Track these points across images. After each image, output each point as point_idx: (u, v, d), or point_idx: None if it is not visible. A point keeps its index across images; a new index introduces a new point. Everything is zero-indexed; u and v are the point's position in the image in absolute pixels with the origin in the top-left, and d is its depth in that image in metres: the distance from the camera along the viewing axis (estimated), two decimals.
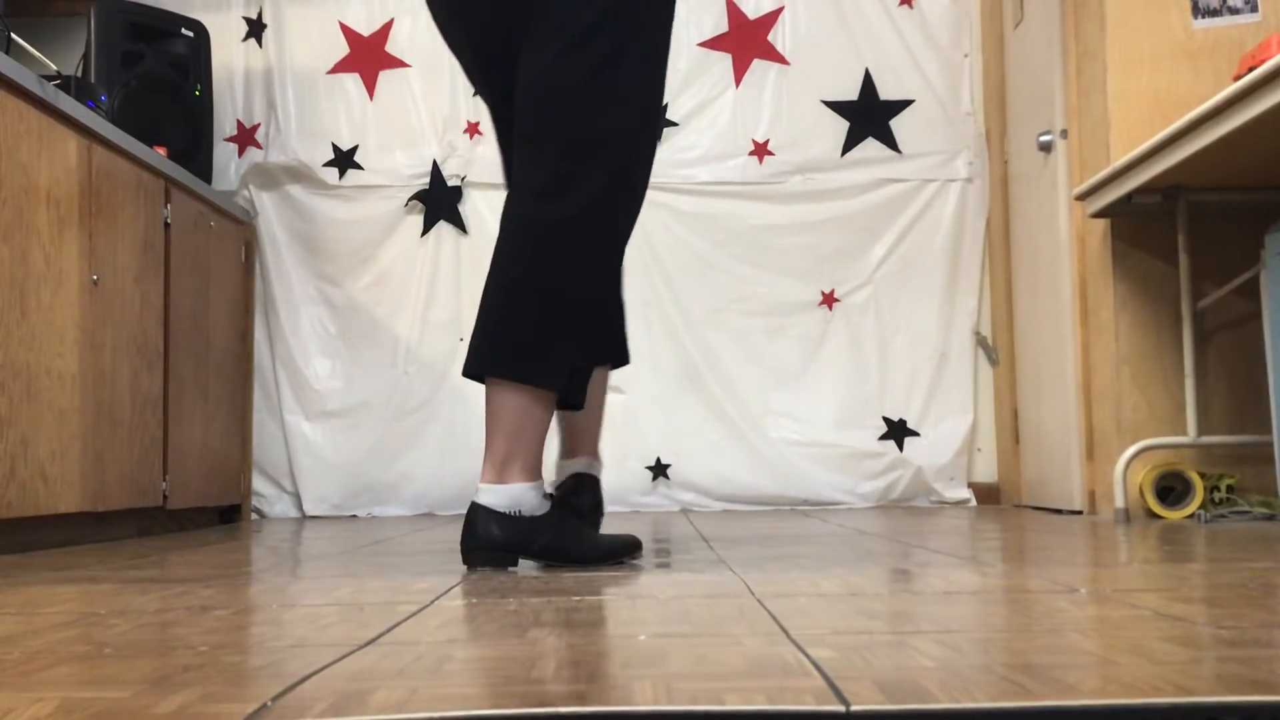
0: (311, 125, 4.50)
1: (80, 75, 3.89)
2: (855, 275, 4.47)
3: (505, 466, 1.95)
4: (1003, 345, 4.41)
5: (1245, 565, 1.80)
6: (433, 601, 1.51)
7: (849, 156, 4.48)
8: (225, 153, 4.49)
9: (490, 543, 1.94)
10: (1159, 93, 3.31)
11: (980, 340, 4.49)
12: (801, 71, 4.51)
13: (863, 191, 4.47)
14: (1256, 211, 3.18)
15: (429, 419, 4.41)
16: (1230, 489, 3.23)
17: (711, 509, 4.32)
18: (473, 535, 1.95)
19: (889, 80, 4.51)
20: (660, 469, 4.40)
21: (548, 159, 2.00)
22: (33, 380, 2.69)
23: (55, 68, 3.67)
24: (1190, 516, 3.19)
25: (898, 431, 4.42)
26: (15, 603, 1.60)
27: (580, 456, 2.30)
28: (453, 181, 4.48)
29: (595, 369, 2.28)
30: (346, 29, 4.53)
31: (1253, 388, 3.30)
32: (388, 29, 4.54)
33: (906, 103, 4.49)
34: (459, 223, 4.47)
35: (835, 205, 4.47)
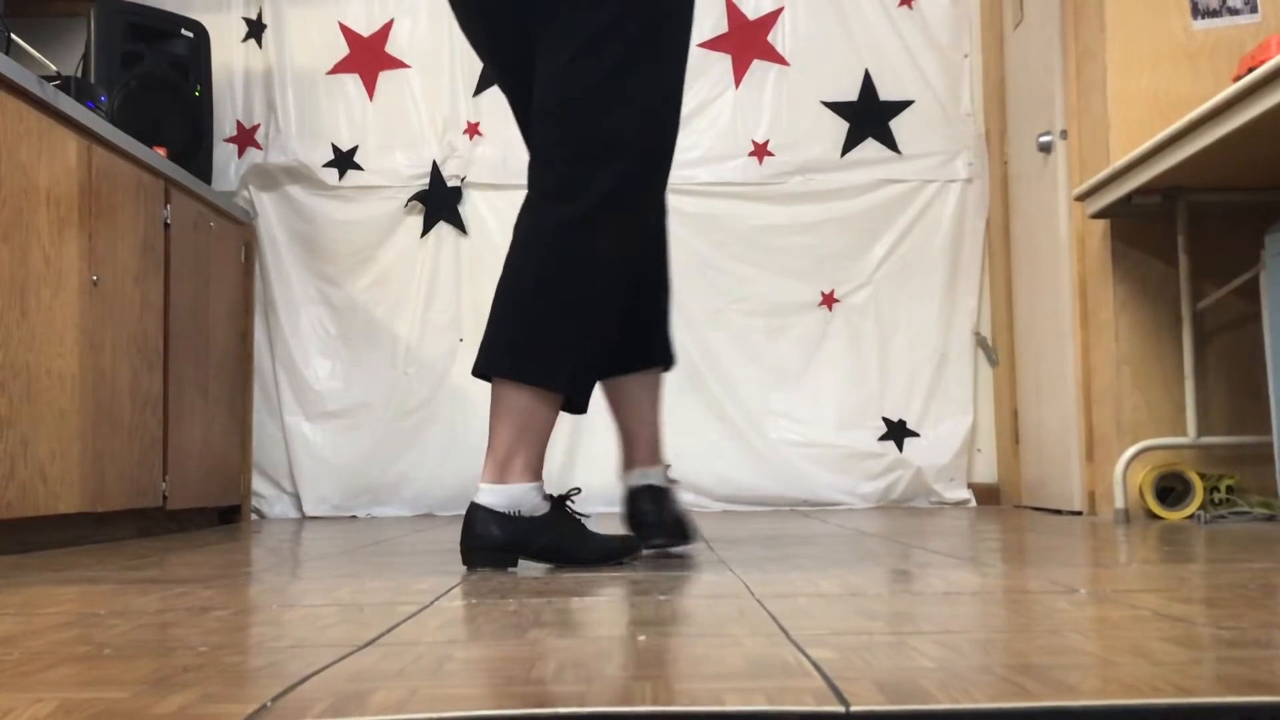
0: (311, 126, 4.50)
1: (80, 75, 3.89)
2: (855, 276, 4.47)
3: (506, 466, 1.95)
4: (1003, 346, 4.41)
5: (1245, 566, 1.80)
6: (432, 602, 1.51)
7: (849, 157, 4.48)
8: (225, 153, 4.49)
9: (490, 543, 1.94)
10: (1159, 93, 3.31)
11: (980, 341, 4.49)
12: (801, 72, 4.51)
13: (862, 192, 4.47)
14: (1256, 212, 3.18)
15: (429, 419, 4.40)
16: (1230, 490, 3.23)
17: (711, 509, 4.31)
18: (472, 535, 1.95)
19: (889, 81, 4.51)
20: None
21: (557, 162, 2.01)
22: (33, 381, 2.69)
23: (55, 68, 3.67)
24: (1190, 517, 3.19)
25: (897, 432, 4.42)
26: (15, 603, 1.60)
27: (636, 468, 2.23)
28: (452, 182, 4.48)
29: (646, 372, 2.24)
30: (346, 29, 4.53)
31: (1252, 388, 3.30)
32: (387, 29, 4.54)
33: (906, 103, 4.49)
34: (459, 223, 4.47)
35: (835, 206, 4.47)
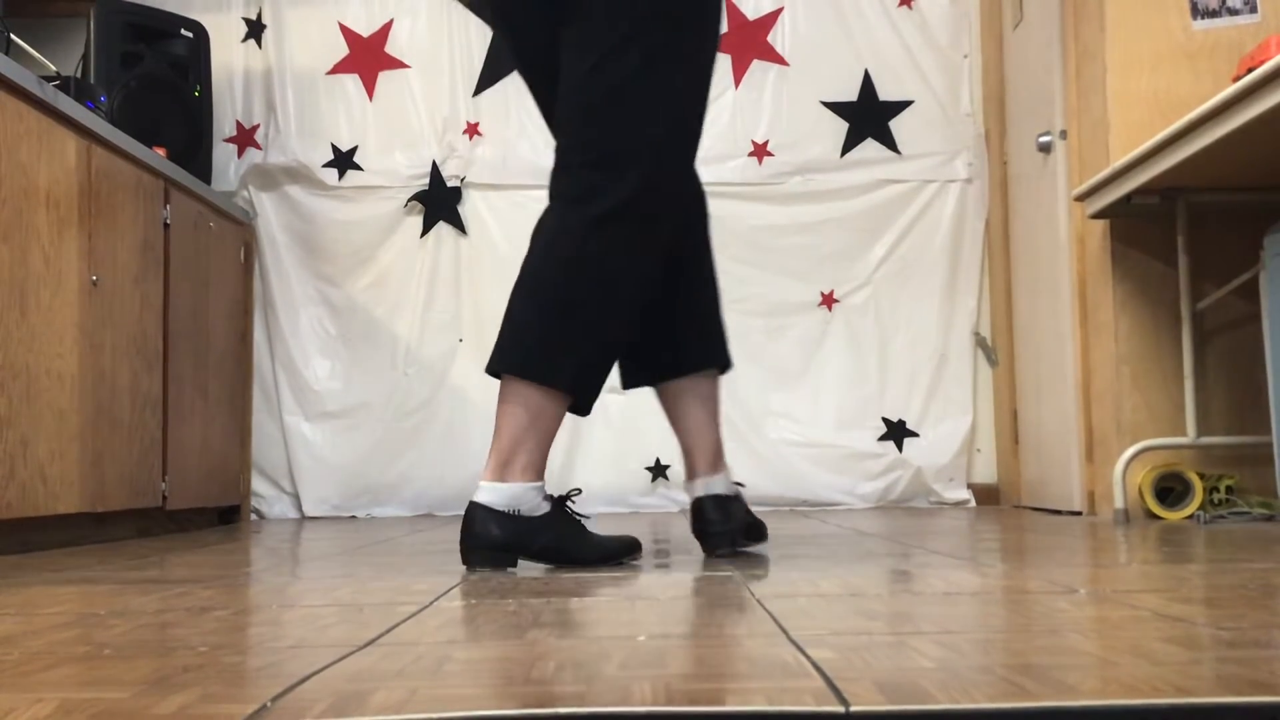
0: (311, 126, 4.50)
1: (80, 76, 3.89)
2: (855, 276, 4.47)
3: (507, 465, 1.95)
4: (1002, 346, 4.41)
5: (1245, 566, 1.80)
6: (432, 602, 1.51)
7: (848, 157, 4.48)
8: (225, 153, 4.48)
9: (489, 542, 1.94)
10: (1158, 94, 3.31)
11: (980, 341, 4.49)
12: (801, 72, 4.51)
13: (862, 192, 4.47)
14: (1256, 212, 3.18)
15: (428, 420, 4.40)
16: (1230, 490, 3.23)
17: None
18: (471, 534, 1.95)
19: (888, 81, 4.51)
20: (660, 469, 4.40)
21: (576, 166, 2.02)
22: (32, 381, 2.69)
23: (55, 68, 3.67)
24: (1190, 517, 3.19)
25: (897, 432, 4.42)
26: (15, 603, 1.59)
27: (698, 478, 2.20)
28: (452, 182, 4.48)
29: (702, 375, 2.23)
30: (346, 30, 4.53)
31: (1252, 388, 3.30)
32: (387, 29, 4.54)
33: (906, 103, 4.49)
34: (458, 224, 4.47)
35: (835, 206, 4.47)
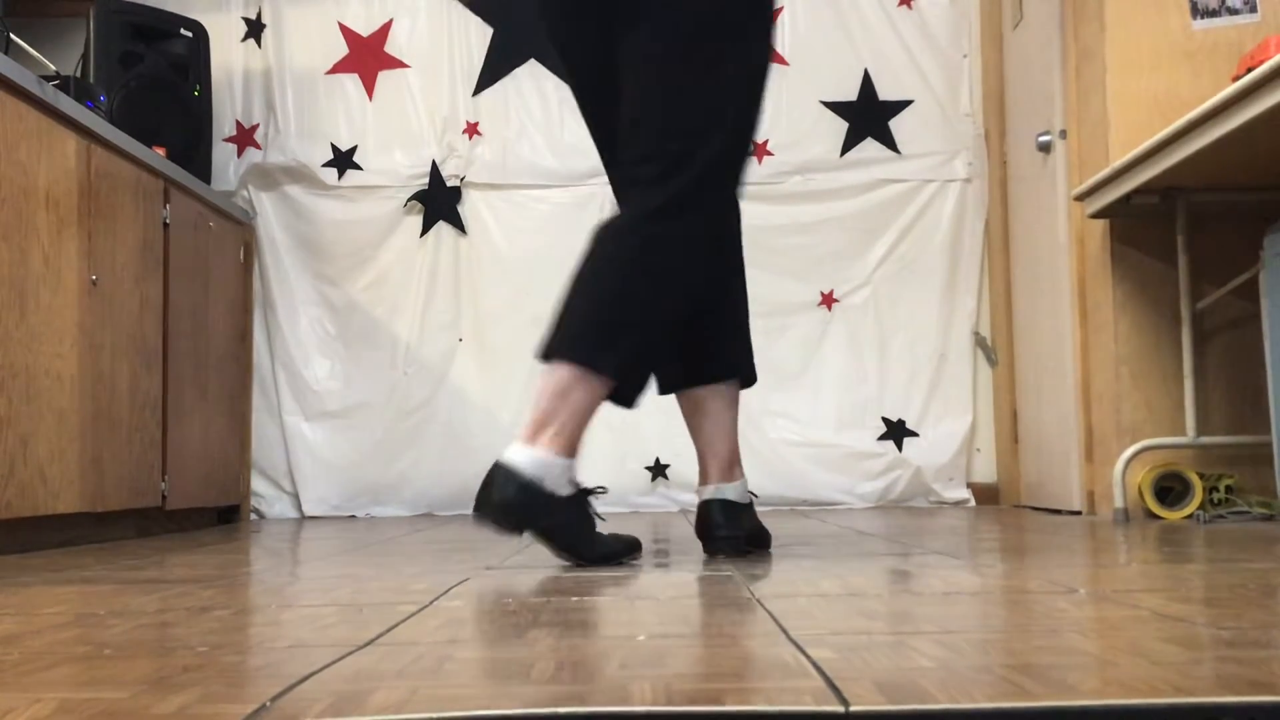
0: (310, 126, 4.50)
1: (79, 75, 3.89)
2: (854, 276, 4.47)
3: (540, 431, 1.96)
4: (1002, 346, 4.42)
5: (1244, 566, 1.81)
6: (432, 602, 1.51)
7: (848, 157, 4.48)
8: (224, 153, 4.48)
9: (504, 504, 1.93)
10: (1158, 93, 3.31)
11: (979, 341, 4.49)
12: (800, 72, 4.51)
13: (862, 192, 4.47)
14: (1256, 212, 3.18)
15: (428, 419, 4.40)
16: (1229, 489, 3.24)
17: None
18: (487, 494, 1.95)
19: (888, 81, 4.51)
20: (659, 469, 4.40)
21: (641, 171, 2.06)
22: (32, 381, 2.69)
23: (54, 68, 3.67)
24: (1189, 517, 3.19)
25: (897, 432, 4.42)
26: (14, 603, 1.59)
27: (710, 483, 2.22)
28: (452, 182, 4.48)
29: (719, 386, 2.24)
30: (345, 29, 4.53)
31: (1251, 388, 3.30)
32: (387, 29, 4.54)
33: (905, 103, 4.49)
34: (458, 223, 4.47)
35: (834, 206, 4.47)
